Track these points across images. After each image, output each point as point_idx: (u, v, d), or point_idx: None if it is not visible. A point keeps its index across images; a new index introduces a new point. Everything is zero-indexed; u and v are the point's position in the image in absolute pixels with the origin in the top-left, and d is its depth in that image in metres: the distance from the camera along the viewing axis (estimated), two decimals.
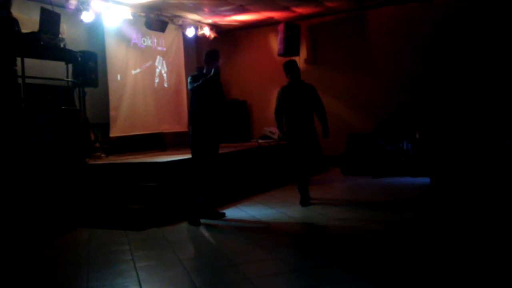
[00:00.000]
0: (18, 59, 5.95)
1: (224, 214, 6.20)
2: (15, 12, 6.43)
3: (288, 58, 10.66)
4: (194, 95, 5.90)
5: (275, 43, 11.05)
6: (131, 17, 8.56)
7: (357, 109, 10.33)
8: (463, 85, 8.89)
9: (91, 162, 6.99)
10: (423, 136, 8.75)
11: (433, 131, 8.70)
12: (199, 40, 11.01)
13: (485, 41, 8.74)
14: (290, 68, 6.70)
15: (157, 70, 9.60)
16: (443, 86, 9.18)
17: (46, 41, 6.67)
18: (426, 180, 7.14)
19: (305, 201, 6.61)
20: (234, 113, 10.70)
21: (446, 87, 9.13)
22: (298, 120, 6.58)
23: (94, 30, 8.32)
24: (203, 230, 5.59)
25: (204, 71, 6.00)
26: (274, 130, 10.18)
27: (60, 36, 7.07)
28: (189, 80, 5.93)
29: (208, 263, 4.47)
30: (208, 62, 5.98)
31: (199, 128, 5.89)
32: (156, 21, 9.15)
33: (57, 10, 7.04)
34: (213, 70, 5.81)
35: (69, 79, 7.40)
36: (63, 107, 6.61)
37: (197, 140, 5.87)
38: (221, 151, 6.94)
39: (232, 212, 6.40)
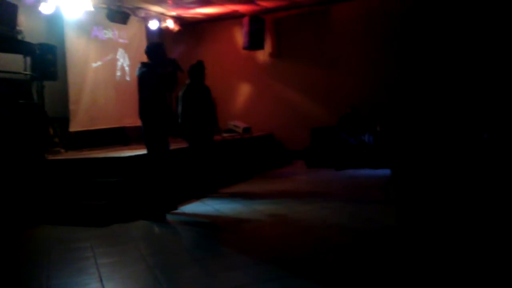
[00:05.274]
0: None
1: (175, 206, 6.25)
2: None
3: (253, 52, 10.89)
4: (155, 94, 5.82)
5: (239, 36, 11.03)
6: (92, 9, 8.32)
7: (321, 103, 10.41)
8: (425, 78, 9.08)
9: (51, 157, 6.82)
10: (384, 129, 8.94)
11: (394, 124, 8.91)
12: (163, 33, 10.85)
13: (449, 33, 8.91)
14: (197, 70, 7.16)
15: (119, 63, 9.42)
16: (405, 79, 9.37)
17: (3, 33, 6.47)
18: (386, 171, 7.33)
19: (207, 191, 7.09)
20: None
21: (408, 80, 9.32)
22: (201, 120, 7.02)
23: (54, 22, 8.08)
24: (166, 225, 5.55)
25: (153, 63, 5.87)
26: (239, 123, 10.19)
27: (17, 28, 6.88)
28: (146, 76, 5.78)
29: (171, 259, 4.44)
30: (152, 56, 5.89)
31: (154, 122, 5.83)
32: (118, 13, 8.96)
33: (14, 1, 6.83)
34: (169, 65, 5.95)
35: (27, 72, 7.20)
36: (20, 101, 6.43)
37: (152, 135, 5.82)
38: (184, 145, 6.91)
39: (197, 207, 6.38)
